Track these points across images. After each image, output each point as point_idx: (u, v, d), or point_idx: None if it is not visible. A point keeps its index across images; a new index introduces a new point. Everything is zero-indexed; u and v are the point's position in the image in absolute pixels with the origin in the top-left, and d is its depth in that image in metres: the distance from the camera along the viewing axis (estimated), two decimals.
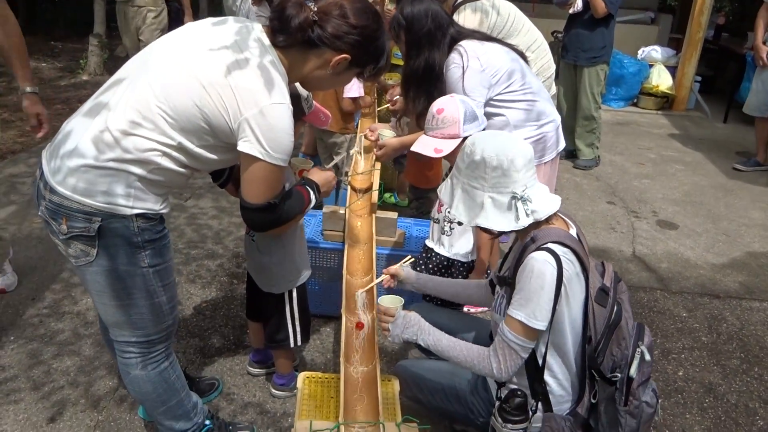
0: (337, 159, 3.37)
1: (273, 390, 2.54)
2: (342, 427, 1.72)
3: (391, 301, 2.04)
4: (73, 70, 7.97)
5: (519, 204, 1.78)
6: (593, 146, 5.48)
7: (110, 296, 1.82)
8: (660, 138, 6.59)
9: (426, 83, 2.71)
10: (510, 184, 1.77)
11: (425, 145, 2.44)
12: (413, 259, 2.39)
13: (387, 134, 3.00)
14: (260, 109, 1.67)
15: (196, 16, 7.29)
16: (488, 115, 2.65)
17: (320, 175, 2.12)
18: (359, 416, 1.83)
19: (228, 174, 2.23)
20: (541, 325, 1.78)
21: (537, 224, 1.83)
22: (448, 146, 2.37)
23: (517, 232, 1.90)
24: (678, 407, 2.60)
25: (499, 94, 2.67)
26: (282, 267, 2.26)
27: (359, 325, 2.10)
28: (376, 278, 2.34)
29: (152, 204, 1.76)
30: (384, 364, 2.67)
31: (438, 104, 2.43)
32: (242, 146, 1.70)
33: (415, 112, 2.82)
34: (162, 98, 1.68)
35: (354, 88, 3.58)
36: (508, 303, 1.84)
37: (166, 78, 1.70)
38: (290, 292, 2.32)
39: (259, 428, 2.34)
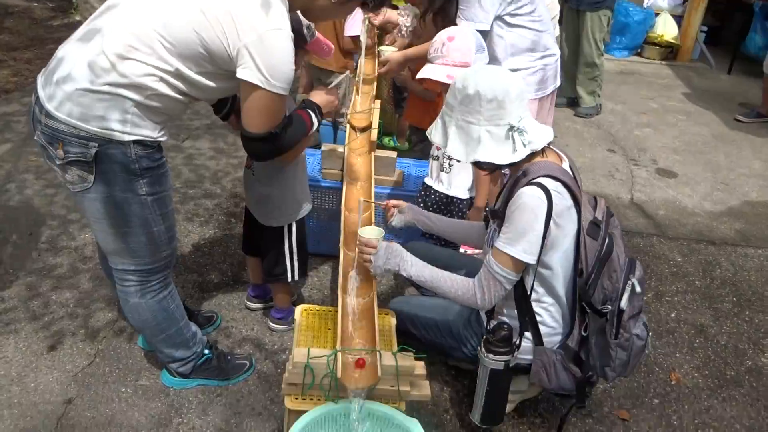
0: (340, 78, 3.29)
1: (271, 324, 2.57)
2: (339, 354, 1.74)
3: (372, 233, 2.04)
4: (66, 10, 7.78)
5: (516, 135, 1.76)
6: (595, 94, 5.42)
7: (108, 224, 1.81)
8: (663, 88, 6.51)
9: None
10: (505, 116, 1.76)
11: (436, 72, 2.40)
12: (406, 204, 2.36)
13: (388, 50, 2.94)
14: (259, 35, 1.64)
15: None
16: (489, 36, 2.58)
17: (322, 97, 2.08)
18: (356, 345, 1.85)
19: (230, 106, 2.19)
20: (528, 258, 1.79)
21: (530, 157, 1.83)
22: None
23: (509, 165, 1.90)
24: (669, 347, 2.65)
25: (507, 15, 2.59)
26: (282, 199, 2.26)
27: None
28: (374, 217, 2.33)
29: (149, 131, 1.74)
30: (380, 301, 2.69)
31: (448, 33, 2.39)
32: (241, 73, 1.67)
33: (432, 10, 2.72)
34: (160, 23, 1.64)
35: (355, 27, 3.51)
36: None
37: (163, 2, 1.66)
38: (289, 227, 2.32)
39: (256, 361, 2.38)
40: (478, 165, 1.91)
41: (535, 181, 1.77)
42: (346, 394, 1.72)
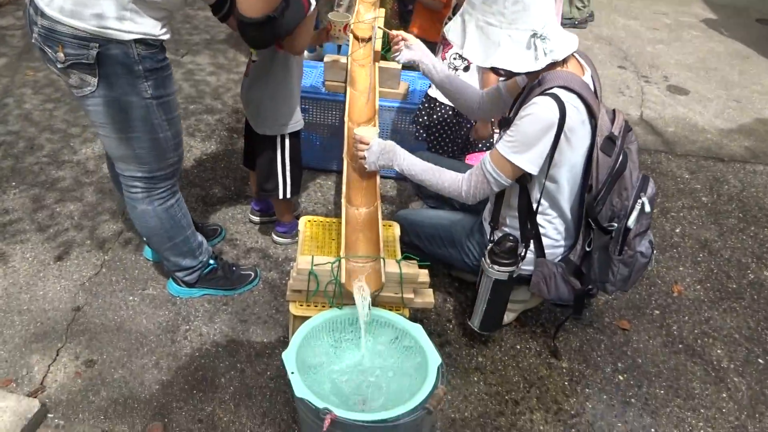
0: None
1: (275, 237, 2.57)
2: (343, 261, 1.74)
3: (367, 131, 2.03)
4: None
5: (538, 42, 1.67)
6: (572, 5, 5.23)
7: (113, 128, 1.79)
8: (678, 3, 6.27)
9: None
10: (530, 20, 1.66)
11: None
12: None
13: None
14: None
15: None
16: None
17: None
18: (360, 252, 1.86)
19: (229, 6, 2.10)
20: (527, 167, 1.75)
21: (549, 66, 1.75)
22: None
23: (527, 73, 1.83)
24: (672, 261, 2.66)
25: None
26: (275, 106, 2.21)
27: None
28: (378, 134, 2.28)
29: (150, 28, 1.67)
30: (385, 215, 2.69)
31: None
32: None
33: None
34: None
35: None
36: None
37: None
38: (282, 139, 2.28)
39: (262, 271, 2.40)
40: (494, 70, 1.84)
41: (550, 91, 1.71)
42: (351, 301, 1.74)
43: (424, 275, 1.84)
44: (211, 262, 2.23)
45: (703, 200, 3.09)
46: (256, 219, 2.66)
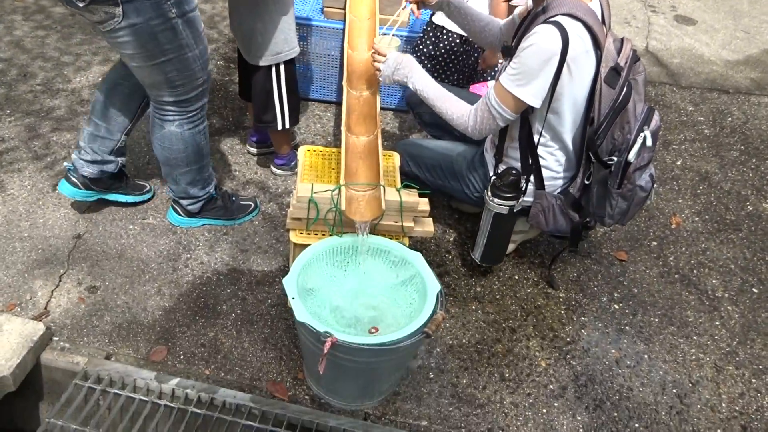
0: None
1: (273, 169, 2.56)
2: (343, 189, 1.74)
3: (388, 42, 2.00)
4: None
5: None
6: None
7: (145, 56, 1.77)
8: None
9: None
10: None
11: None
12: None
13: None
14: None
15: None
16: None
17: None
18: (360, 180, 1.85)
19: None
20: (530, 100, 1.72)
21: None
22: None
23: None
24: (672, 193, 2.65)
25: None
26: (268, 34, 2.15)
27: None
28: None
29: None
30: (384, 146, 2.67)
31: None
32: None
33: None
34: None
35: None
36: None
37: None
38: (277, 69, 2.23)
39: (261, 202, 2.40)
40: None
41: (553, 19, 1.65)
42: (351, 229, 1.75)
43: (424, 204, 1.84)
44: (212, 191, 2.22)
45: (705, 132, 3.07)
46: (254, 150, 2.64)
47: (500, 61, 1.91)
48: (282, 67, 2.26)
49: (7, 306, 1.92)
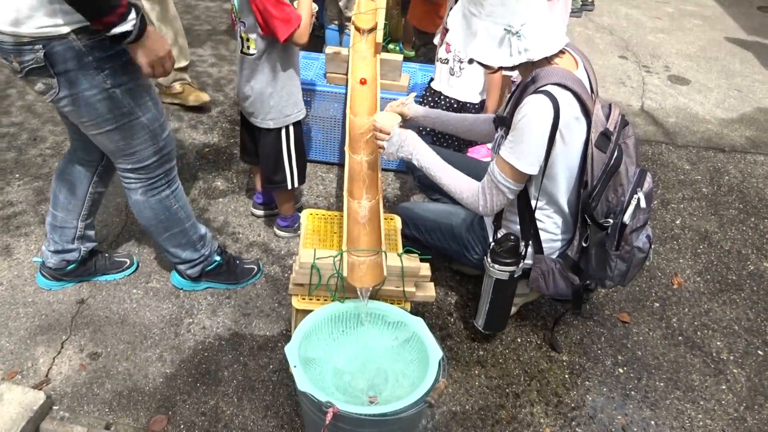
0: None
1: (277, 231, 2.58)
2: (345, 255, 1.75)
3: (388, 119, 2.02)
4: None
5: (513, 39, 1.69)
6: None
7: (91, 125, 1.76)
8: None
9: None
10: (507, 15, 1.67)
11: None
12: (414, 94, 2.33)
13: None
14: None
15: None
16: None
17: None
18: (362, 246, 1.87)
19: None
20: (529, 169, 1.76)
21: (539, 62, 1.76)
22: None
23: (519, 70, 1.83)
24: (672, 252, 2.67)
25: None
26: (278, 98, 2.21)
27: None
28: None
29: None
30: (386, 208, 2.70)
31: None
32: None
33: None
34: None
35: None
36: None
37: None
38: (287, 130, 2.29)
39: (264, 265, 2.41)
40: (479, 61, 1.84)
41: (543, 89, 1.71)
42: (353, 295, 1.76)
43: (425, 269, 1.85)
44: (217, 258, 2.24)
45: (703, 191, 3.10)
46: (259, 212, 2.67)
47: (499, 131, 1.95)
48: (291, 129, 2.31)
49: (9, 374, 1.91)
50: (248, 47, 2.13)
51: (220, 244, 2.31)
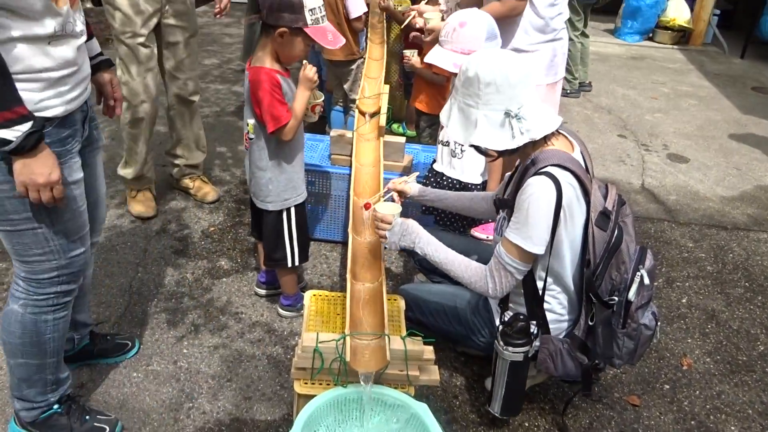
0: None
1: (280, 310, 2.57)
2: (348, 338, 1.74)
3: (388, 209, 2.04)
4: None
5: (513, 122, 1.74)
6: (568, 74, 5.35)
7: None
8: (675, 72, 6.44)
9: None
10: (504, 101, 1.74)
11: (443, 58, 2.38)
12: (417, 173, 2.37)
13: (433, 16, 2.89)
14: None
15: None
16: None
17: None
18: (365, 329, 1.86)
19: None
20: (537, 249, 1.78)
21: (537, 145, 1.81)
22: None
23: (518, 154, 1.88)
24: (680, 332, 2.63)
25: None
26: (276, 182, 2.26)
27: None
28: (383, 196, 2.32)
29: None
30: (389, 287, 2.70)
31: (461, 17, 2.36)
32: None
33: None
34: None
35: (358, 6, 3.51)
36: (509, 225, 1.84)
37: None
38: (288, 211, 2.32)
39: (266, 346, 2.39)
40: (477, 149, 1.89)
41: (544, 170, 1.75)
42: (356, 379, 1.73)
43: (429, 352, 1.83)
44: (55, 406, 1.87)
45: (708, 269, 3.09)
46: (262, 292, 2.67)
47: (501, 213, 1.97)
48: (292, 210, 2.35)
49: None
50: (248, 131, 2.21)
51: (71, 394, 1.95)
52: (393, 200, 2.22)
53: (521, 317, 1.88)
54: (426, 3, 3.36)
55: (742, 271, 3.09)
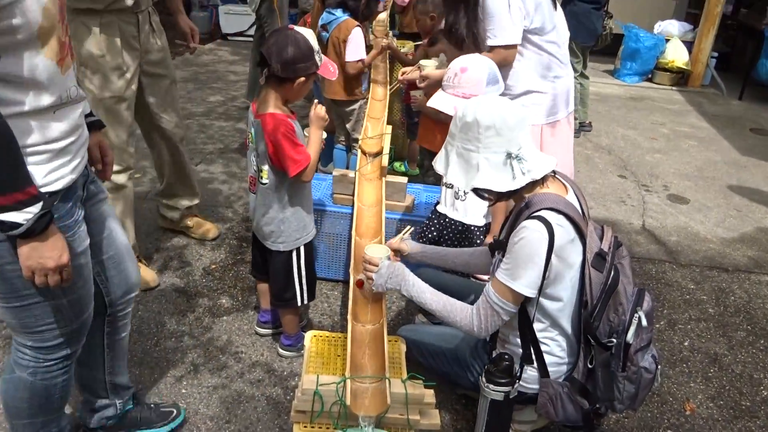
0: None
1: (280, 350, 2.56)
2: (348, 382, 1.73)
3: (377, 251, 2.07)
4: None
5: (514, 163, 1.77)
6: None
7: (1, 298, 1.52)
8: (674, 113, 6.52)
9: (463, 5, 2.54)
10: (504, 144, 1.77)
11: (444, 102, 2.41)
12: (412, 229, 2.39)
13: (429, 64, 2.95)
14: None
15: None
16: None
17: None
18: (365, 372, 1.85)
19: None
20: (525, 291, 1.79)
21: (532, 187, 1.83)
22: None
23: (512, 197, 1.90)
24: (683, 376, 2.61)
25: (528, 32, 2.54)
26: (288, 224, 2.28)
27: (359, 284, 2.12)
28: (384, 242, 2.34)
29: None
30: (391, 329, 2.69)
31: (462, 62, 2.40)
32: None
33: (453, 39, 2.66)
34: None
35: (357, 51, 3.57)
36: None
37: None
38: (298, 250, 2.34)
39: (266, 387, 2.37)
40: (478, 193, 1.91)
41: (536, 214, 1.77)
42: (356, 423, 1.72)
43: (429, 396, 1.82)
44: None
45: (710, 312, 3.08)
46: (263, 331, 2.66)
47: (497, 254, 1.99)
48: (302, 249, 2.37)
49: None
50: (261, 177, 2.23)
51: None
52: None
53: (506, 357, 1.88)
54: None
55: (744, 314, 3.09)
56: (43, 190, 1.39)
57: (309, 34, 2.12)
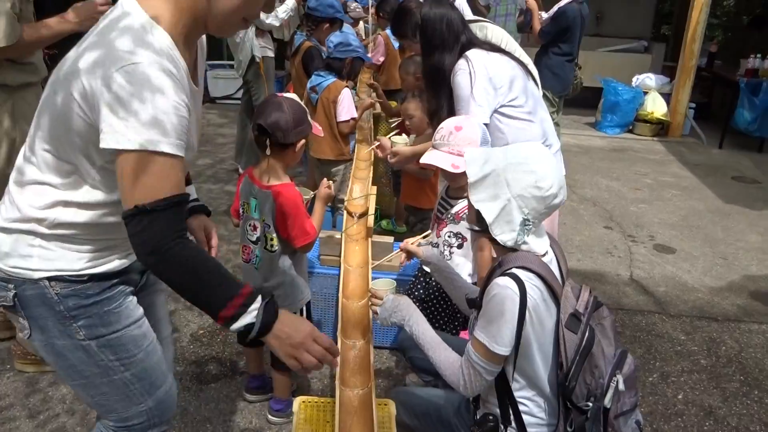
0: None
1: (270, 416, 2.52)
2: None
3: (383, 285, 2.08)
4: None
5: (525, 228, 1.78)
6: None
7: (65, 375, 1.56)
8: (656, 163, 6.64)
9: (435, 84, 2.69)
10: (531, 205, 1.76)
11: (440, 160, 2.45)
12: (430, 233, 2.40)
13: (399, 141, 3.02)
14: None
15: None
16: (490, 130, 2.65)
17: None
18: None
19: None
20: (502, 350, 1.77)
21: (508, 249, 1.84)
22: (464, 164, 2.40)
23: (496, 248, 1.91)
24: (678, 431, 2.58)
25: (502, 106, 2.64)
26: (284, 290, 2.28)
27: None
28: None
29: (67, 263, 1.44)
30: (381, 390, 2.65)
31: (456, 122, 2.46)
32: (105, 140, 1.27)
33: (427, 112, 2.79)
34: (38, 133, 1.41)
35: (348, 110, 3.65)
36: None
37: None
38: (301, 311, 2.36)
39: None
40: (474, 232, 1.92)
41: (508, 272, 1.78)
42: None
43: None
44: None
45: (702, 363, 3.07)
46: (252, 398, 2.62)
47: (473, 312, 1.99)
48: (303, 309, 2.39)
49: None
50: (271, 245, 2.26)
51: None
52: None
53: (491, 417, 1.85)
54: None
55: (736, 364, 3.07)
56: (89, 271, 1.46)
57: (296, 98, 2.20)
